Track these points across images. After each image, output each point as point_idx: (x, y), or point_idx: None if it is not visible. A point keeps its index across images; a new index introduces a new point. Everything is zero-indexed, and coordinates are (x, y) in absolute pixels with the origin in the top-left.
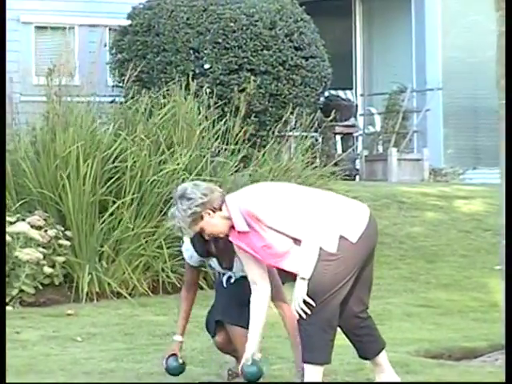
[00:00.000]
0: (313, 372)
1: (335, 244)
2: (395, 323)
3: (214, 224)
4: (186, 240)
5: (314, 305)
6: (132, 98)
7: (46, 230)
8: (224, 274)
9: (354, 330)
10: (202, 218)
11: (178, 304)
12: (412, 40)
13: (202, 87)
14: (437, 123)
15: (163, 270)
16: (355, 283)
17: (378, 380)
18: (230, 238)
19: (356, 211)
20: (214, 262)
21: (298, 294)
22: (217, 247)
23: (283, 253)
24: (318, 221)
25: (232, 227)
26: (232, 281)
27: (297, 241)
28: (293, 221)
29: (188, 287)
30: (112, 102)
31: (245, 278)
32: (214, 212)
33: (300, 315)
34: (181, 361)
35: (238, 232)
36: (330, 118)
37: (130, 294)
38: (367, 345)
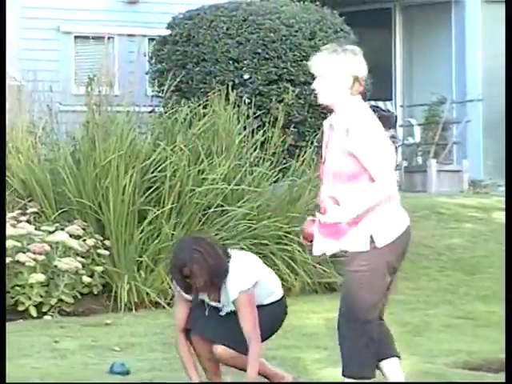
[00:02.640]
0: None
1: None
2: (434, 334)
3: None
4: None
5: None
6: (171, 108)
7: (84, 240)
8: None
9: None
10: None
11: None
12: (452, 51)
13: (241, 97)
14: (477, 134)
15: None
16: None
17: None
18: None
19: (397, 217)
20: (203, 295)
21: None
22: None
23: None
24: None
25: None
26: (222, 314)
27: None
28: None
29: (182, 331)
30: (151, 111)
31: (234, 312)
32: None
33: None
34: None
35: None
36: None
37: (168, 304)
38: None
